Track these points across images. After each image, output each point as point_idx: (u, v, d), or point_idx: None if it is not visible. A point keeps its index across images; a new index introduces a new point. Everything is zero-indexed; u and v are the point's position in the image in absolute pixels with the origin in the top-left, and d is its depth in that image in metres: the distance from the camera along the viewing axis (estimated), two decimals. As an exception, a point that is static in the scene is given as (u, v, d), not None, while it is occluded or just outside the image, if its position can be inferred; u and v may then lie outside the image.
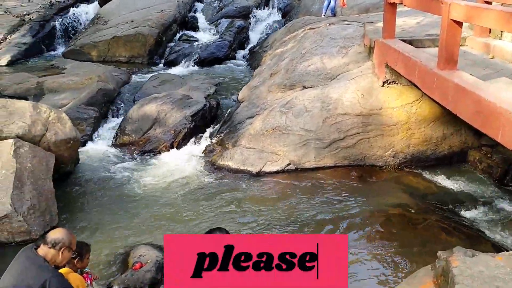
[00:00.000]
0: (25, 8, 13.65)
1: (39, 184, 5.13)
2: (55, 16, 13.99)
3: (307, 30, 9.45)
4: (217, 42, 12.82)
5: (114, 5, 14.28)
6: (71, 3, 14.82)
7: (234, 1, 15.23)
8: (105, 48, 12.36)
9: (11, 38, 12.43)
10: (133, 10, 13.58)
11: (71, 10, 14.62)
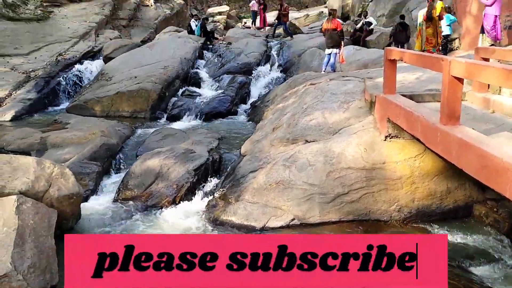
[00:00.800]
0: (32, 65, 13.99)
1: (41, 241, 5.04)
2: (60, 72, 14.34)
3: (308, 86, 9.63)
4: (220, 97, 13.03)
5: (118, 62, 14.63)
6: (76, 60, 15.21)
7: (236, 58, 15.65)
8: (109, 103, 12.55)
9: (16, 94, 12.65)
10: (137, 67, 13.90)
11: (76, 66, 14.98)
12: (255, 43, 16.89)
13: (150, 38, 19.86)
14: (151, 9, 21.83)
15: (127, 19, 20.08)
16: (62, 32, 16.21)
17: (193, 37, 17.04)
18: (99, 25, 17.75)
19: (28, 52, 14.61)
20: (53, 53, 14.97)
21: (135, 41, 18.12)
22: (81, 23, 17.10)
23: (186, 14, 25.42)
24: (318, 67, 13.60)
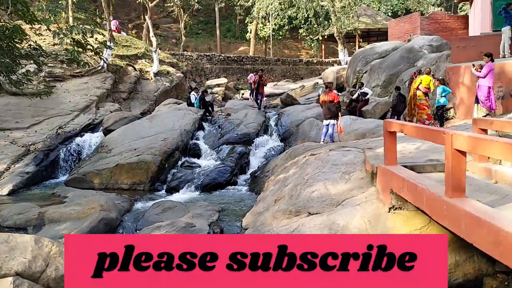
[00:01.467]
0: (32, 138, 14.07)
1: (35, 326, 4.80)
2: (60, 145, 14.40)
3: (308, 156, 9.65)
4: (219, 167, 13.02)
5: (118, 134, 14.76)
6: (76, 132, 15.34)
7: (235, 128, 15.83)
8: (108, 175, 12.50)
9: (15, 168, 12.62)
10: (137, 139, 14.00)
11: (75, 139, 15.08)
12: (254, 114, 17.16)
13: (149, 110, 20.20)
14: (151, 82, 22.36)
15: (127, 92, 20.50)
16: (64, 105, 16.48)
17: (192, 109, 17.33)
18: (100, 98, 18.09)
19: (29, 126, 14.76)
20: (54, 126, 15.12)
21: (135, 113, 18.40)
22: (82, 96, 17.43)
23: (185, 87, 26.02)
24: (316, 137, 13.74)
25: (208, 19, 48.22)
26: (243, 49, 43.85)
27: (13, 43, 8.83)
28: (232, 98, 26.55)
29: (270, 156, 14.36)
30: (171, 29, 45.95)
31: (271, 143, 15.47)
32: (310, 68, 36.42)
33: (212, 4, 39.77)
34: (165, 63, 25.70)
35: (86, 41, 7.36)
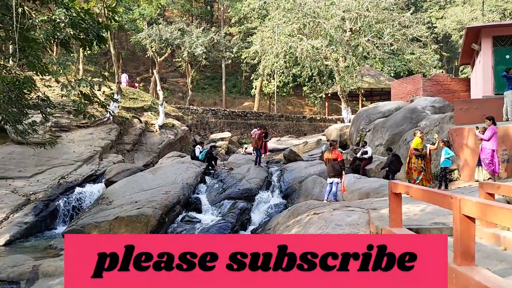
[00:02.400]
0: (33, 188, 14.01)
1: None
2: (60, 195, 14.29)
3: (312, 215, 9.50)
4: (220, 223, 12.80)
5: (120, 186, 14.66)
6: (78, 183, 15.27)
7: (237, 183, 15.72)
8: (107, 228, 12.29)
9: (13, 217, 12.48)
10: (138, 191, 13.89)
11: (76, 189, 14.99)
12: (256, 169, 17.11)
13: (153, 162, 20.20)
14: (156, 134, 22.53)
15: (131, 143, 20.61)
16: (67, 155, 16.52)
17: (195, 162, 17.31)
18: (104, 149, 18.16)
19: (31, 175, 14.74)
20: (56, 176, 15.09)
21: (138, 165, 18.39)
22: (87, 147, 17.51)
23: (190, 140, 26.17)
24: (319, 194, 13.60)
25: (214, 75, 49.28)
26: (247, 104, 44.50)
27: (22, 94, 8.95)
28: (235, 152, 26.61)
29: (272, 213, 14.16)
30: (178, 83, 46.88)
31: (273, 199, 15.30)
32: (314, 125, 36.77)
33: (219, 60, 40.74)
34: (171, 116, 26.00)
35: (93, 94, 7.46)
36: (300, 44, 30.07)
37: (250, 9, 39.36)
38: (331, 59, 30.44)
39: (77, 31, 7.21)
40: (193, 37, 35.22)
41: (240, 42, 39.89)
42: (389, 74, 38.12)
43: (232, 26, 44.72)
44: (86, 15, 7.05)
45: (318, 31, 32.34)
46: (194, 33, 35.62)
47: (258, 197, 15.10)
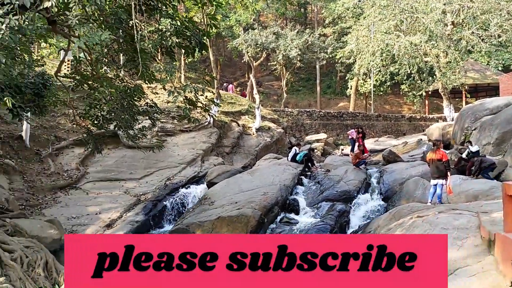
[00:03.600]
0: (143, 189, 15.02)
1: None
2: (167, 196, 15.15)
3: (415, 218, 9.12)
4: (318, 225, 12.74)
5: (220, 187, 15.18)
6: (182, 184, 16.08)
7: (335, 185, 15.55)
8: (209, 227, 12.77)
9: (126, 216, 13.45)
10: (238, 192, 14.28)
11: (181, 190, 15.79)
12: (354, 170, 16.79)
13: (250, 164, 20.69)
14: (253, 137, 23.03)
15: (230, 146, 21.29)
16: (172, 158, 17.48)
17: (292, 164, 17.42)
18: (205, 152, 18.96)
19: (141, 177, 15.81)
20: (163, 177, 16.03)
21: (236, 167, 18.92)
22: (189, 150, 18.40)
23: (285, 142, 26.40)
24: (422, 197, 13.00)
25: (309, 76, 49.23)
26: (343, 105, 43.85)
27: (133, 101, 9.66)
28: (331, 153, 26.34)
29: (371, 215, 13.80)
30: (273, 86, 47.50)
31: (372, 201, 14.91)
32: (413, 124, 35.24)
33: (313, 62, 40.65)
34: (267, 119, 26.43)
35: (197, 99, 7.86)
36: (398, 41, 29.06)
37: (344, 8, 38.81)
38: (431, 55, 29.02)
39: (181, 39, 7.62)
40: (288, 40, 35.52)
41: (335, 42, 39.47)
42: (496, 68, 35.40)
43: (326, 26, 44.42)
44: (189, 24, 7.44)
45: (417, 27, 31.03)
46: (289, 36, 35.91)
47: (356, 199, 14.81)
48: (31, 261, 8.08)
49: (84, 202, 14.04)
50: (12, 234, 8.99)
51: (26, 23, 6.10)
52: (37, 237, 9.57)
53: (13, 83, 9.56)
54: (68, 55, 10.62)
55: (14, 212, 10.51)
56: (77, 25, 6.42)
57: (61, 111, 17.88)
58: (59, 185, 14.63)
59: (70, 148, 16.86)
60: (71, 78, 9.93)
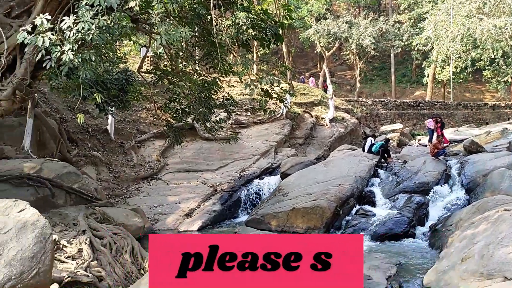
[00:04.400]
0: (219, 180, 15.44)
1: None
2: (242, 187, 15.46)
3: (502, 212, 8.63)
4: (395, 217, 12.43)
5: (294, 178, 15.22)
6: (256, 175, 16.32)
7: (412, 176, 15.06)
8: (284, 218, 12.89)
9: (204, 206, 13.90)
10: (312, 184, 14.25)
11: (255, 181, 16.03)
12: (433, 161, 16.15)
13: (324, 155, 20.54)
14: (326, 128, 22.84)
15: (303, 137, 21.26)
16: (246, 150, 17.78)
17: (368, 155, 17.09)
18: (279, 144, 19.09)
19: (217, 168, 16.27)
20: (237, 169, 16.36)
21: (310, 158, 18.87)
22: (263, 142, 18.62)
23: (359, 132, 25.91)
24: (509, 189, 12.28)
25: (383, 65, 47.81)
26: (419, 94, 42.18)
27: (210, 95, 9.94)
28: (407, 144, 25.49)
29: (452, 208, 13.25)
30: (346, 76, 46.69)
31: (453, 194, 14.28)
32: (497, 113, 33.15)
33: (387, 50, 39.42)
34: (340, 109, 26.07)
35: (273, 90, 7.95)
36: (480, 25, 27.44)
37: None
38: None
39: (257, 32, 7.72)
40: (361, 29, 34.75)
41: (410, 29, 38.00)
42: None
43: (401, 13, 42.87)
44: (264, 16, 7.52)
45: (501, 9, 29.09)
46: (362, 25, 35.12)
47: (435, 191, 14.26)
48: (119, 247, 8.59)
49: (164, 192, 14.69)
50: (102, 222, 9.60)
51: (113, 23, 6.45)
52: (123, 225, 10.15)
53: (99, 79, 10.17)
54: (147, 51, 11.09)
55: (102, 201, 11.21)
56: (159, 22, 6.70)
57: (142, 105, 18.77)
58: (141, 176, 15.42)
59: (151, 141, 17.69)
60: (152, 73, 10.39)
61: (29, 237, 5.18)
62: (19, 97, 7.67)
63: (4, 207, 5.50)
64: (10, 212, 5.45)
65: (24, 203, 5.60)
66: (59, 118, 15.49)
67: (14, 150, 11.95)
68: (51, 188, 10.04)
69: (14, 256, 4.97)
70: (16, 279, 4.90)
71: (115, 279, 7.46)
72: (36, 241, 5.19)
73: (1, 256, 4.93)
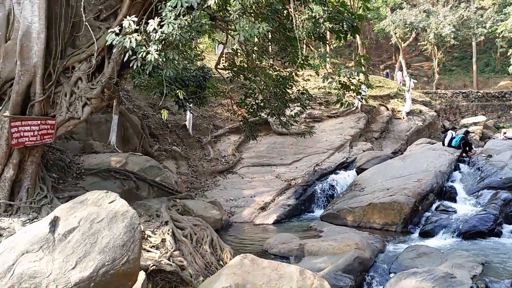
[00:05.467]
0: (292, 174, 15.50)
1: None
2: (316, 181, 15.41)
3: None
4: (480, 214, 11.80)
5: (370, 173, 14.93)
6: (331, 170, 16.20)
7: (498, 172, 14.22)
8: (360, 214, 12.69)
9: (278, 200, 14.03)
10: (389, 179, 13.89)
11: (330, 176, 15.90)
12: (522, 155, 15.13)
13: (400, 149, 19.94)
14: (403, 121, 22.12)
15: (379, 131, 20.76)
16: (320, 144, 17.67)
17: (448, 149, 16.35)
18: (353, 138, 18.79)
19: (290, 162, 16.33)
20: (311, 163, 16.33)
21: (386, 152, 18.40)
22: (337, 136, 18.42)
23: (438, 126, 24.85)
24: None
25: (463, 55, 45.35)
26: (504, 84, 39.54)
27: (285, 89, 9.98)
28: (491, 137, 24.07)
29: (545, 206, 12.34)
30: (423, 68, 44.82)
31: (548, 191, 13.30)
32: None
33: (469, 38, 37.30)
34: (417, 102, 25.13)
35: (350, 82, 7.84)
36: None
37: (507, -25, 34.90)
38: None
39: (334, 24, 7.65)
40: (440, 17, 33.17)
41: (495, 15, 35.69)
42: None
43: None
44: (342, 8, 7.42)
45: None
46: (441, 13, 33.53)
47: (525, 188, 13.35)
48: (199, 238, 8.89)
49: (240, 185, 15.00)
50: (182, 213, 9.98)
51: (193, 22, 6.67)
52: (202, 217, 10.50)
53: (179, 77, 10.56)
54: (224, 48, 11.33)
55: (182, 194, 11.67)
56: (237, 19, 6.83)
57: (218, 101, 19.24)
58: (218, 170, 15.84)
59: (227, 136, 18.10)
60: (228, 70, 10.61)
61: (119, 226, 5.50)
62: (107, 95, 8.13)
63: (97, 198, 5.88)
64: (102, 203, 5.83)
65: (115, 195, 5.96)
66: (141, 115, 16.27)
67: (102, 145, 12.73)
68: (135, 181, 10.60)
69: (106, 244, 5.30)
70: (109, 265, 5.23)
71: (196, 269, 7.72)
72: (126, 230, 5.50)
73: (96, 244, 5.29)
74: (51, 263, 5.07)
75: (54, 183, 8.89)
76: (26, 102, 7.88)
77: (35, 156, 8.02)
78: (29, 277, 4.92)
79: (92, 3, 8.46)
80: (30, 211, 7.78)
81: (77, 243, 5.23)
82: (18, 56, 7.66)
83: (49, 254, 5.16)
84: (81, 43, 8.37)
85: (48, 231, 5.29)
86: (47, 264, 5.06)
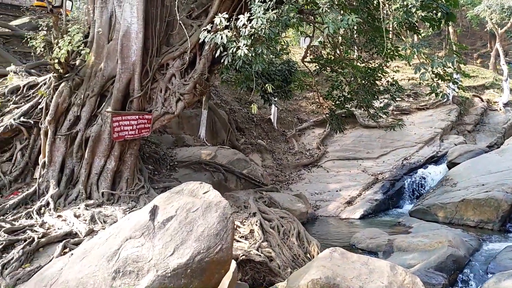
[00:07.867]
0: (379, 168, 15.13)
1: None
2: (404, 176, 14.92)
3: None
4: None
5: (463, 167, 14.17)
6: (420, 164, 15.59)
7: None
8: (453, 210, 12.11)
9: (365, 194, 13.78)
10: (484, 174, 13.11)
11: (419, 170, 15.32)
12: None
13: (497, 143, 18.69)
14: (500, 113, 20.69)
15: (472, 124, 19.60)
16: (409, 137, 17.06)
17: (553, 143, 15.08)
18: (444, 131, 17.92)
19: (378, 156, 15.94)
20: (399, 157, 15.82)
21: (480, 146, 17.35)
22: (426, 129, 17.66)
23: (541, 117, 22.93)
24: None
25: None
26: None
27: (373, 81, 9.75)
28: None
29: None
30: (522, 55, 41.52)
31: None
32: None
33: None
34: (516, 92, 23.36)
35: (445, 72, 7.47)
36: None
37: None
38: None
39: (427, 13, 7.33)
40: (543, -1, 30.43)
41: None
42: None
43: None
44: (437, -5, 7.09)
45: None
46: (544, -6, 30.73)
47: None
48: (286, 230, 8.99)
49: (325, 179, 14.91)
50: (269, 205, 10.15)
51: (282, 16, 6.73)
52: (288, 209, 10.59)
53: (265, 71, 10.71)
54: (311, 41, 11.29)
55: (268, 186, 11.85)
56: (326, 11, 6.78)
57: (302, 94, 19.24)
58: (302, 163, 15.87)
59: (311, 129, 18.05)
60: (315, 62, 10.56)
61: (213, 216, 5.73)
62: (199, 91, 8.46)
63: (192, 188, 6.17)
64: (197, 193, 6.10)
65: (208, 186, 6.21)
66: (228, 109, 16.71)
67: (192, 139, 13.27)
68: (224, 173, 10.95)
69: (202, 232, 5.55)
70: (204, 253, 5.46)
71: (283, 260, 7.83)
72: (219, 220, 5.72)
73: (191, 232, 5.55)
74: (151, 249, 5.41)
75: (150, 174, 9.43)
76: (125, 98, 8.43)
77: (134, 149, 8.55)
78: (132, 261, 5.28)
79: (185, 2, 8.82)
80: (129, 200, 8.32)
81: (174, 231, 5.53)
82: (119, 55, 8.21)
83: (150, 240, 5.50)
84: (175, 41, 8.78)
85: (148, 219, 5.63)
86: (148, 250, 5.40)
